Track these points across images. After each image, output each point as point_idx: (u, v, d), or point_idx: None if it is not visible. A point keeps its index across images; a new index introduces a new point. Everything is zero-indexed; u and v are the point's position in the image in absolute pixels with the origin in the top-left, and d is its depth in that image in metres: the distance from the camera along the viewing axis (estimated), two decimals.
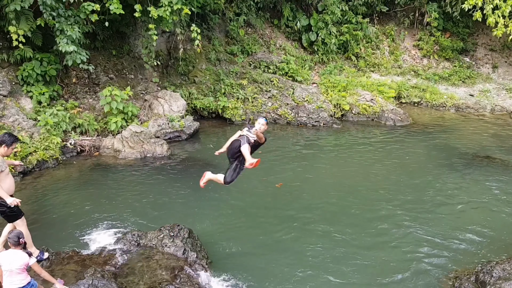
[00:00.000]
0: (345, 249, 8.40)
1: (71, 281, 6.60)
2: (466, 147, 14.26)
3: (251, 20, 20.48)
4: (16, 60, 13.43)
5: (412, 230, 9.07)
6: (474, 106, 19.26)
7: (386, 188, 11.08)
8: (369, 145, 14.61)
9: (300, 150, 14.09)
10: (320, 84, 19.11)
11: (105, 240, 8.27)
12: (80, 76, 15.19)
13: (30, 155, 11.84)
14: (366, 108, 17.59)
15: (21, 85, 13.58)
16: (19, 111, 12.84)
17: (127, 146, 13.27)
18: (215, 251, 8.32)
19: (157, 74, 17.12)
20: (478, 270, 7.52)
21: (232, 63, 18.95)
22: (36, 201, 10.11)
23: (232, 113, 16.69)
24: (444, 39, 22.38)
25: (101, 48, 16.03)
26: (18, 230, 6.12)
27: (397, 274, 7.69)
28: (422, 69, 21.91)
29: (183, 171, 12.09)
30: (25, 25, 12.44)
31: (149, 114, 15.25)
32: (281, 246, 8.54)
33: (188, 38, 16.76)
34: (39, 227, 8.85)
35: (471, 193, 10.88)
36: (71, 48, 12.56)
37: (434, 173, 12.06)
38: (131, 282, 6.83)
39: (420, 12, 22.48)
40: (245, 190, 10.77)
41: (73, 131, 13.52)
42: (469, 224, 9.33)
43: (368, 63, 21.54)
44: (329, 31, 20.61)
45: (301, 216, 9.66)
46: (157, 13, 13.32)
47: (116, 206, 9.97)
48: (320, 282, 7.47)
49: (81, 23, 13.17)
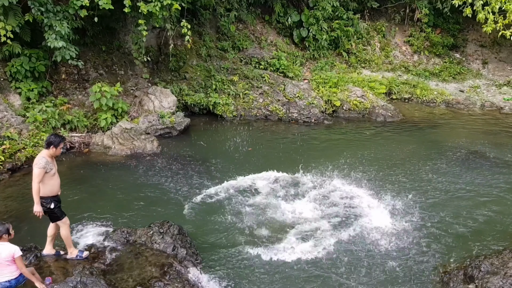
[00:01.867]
0: (333, 245, 8.42)
1: (59, 279, 6.56)
2: (456, 142, 14.34)
3: (242, 16, 20.41)
4: (5, 56, 13.29)
5: (400, 225, 9.11)
6: (464, 102, 19.36)
7: (373, 183, 11.10)
8: (359, 140, 14.67)
9: (291, 145, 14.10)
10: (311, 80, 19.11)
11: (94, 237, 8.24)
12: (69, 72, 15.07)
13: (18, 152, 11.76)
14: (357, 104, 17.62)
15: (9, 81, 13.45)
16: (7, 108, 12.72)
17: (117, 143, 13.20)
18: (205, 248, 8.33)
19: (148, 70, 17.02)
20: (466, 264, 7.60)
21: (223, 59, 18.89)
22: (25, 198, 10.02)
23: (223, 109, 16.64)
24: (434, 35, 22.47)
25: (91, 44, 15.91)
26: (7, 224, 6.13)
27: (385, 269, 7.74)
28: (413, 65, 21.99)
29: (174, 168, 12.05)
30: (13, 20, 12.31)
31: (139, 110, 15.18)
32: (271, 243, 8.55)
33: (179, 33, 16.69)
34: (27, 224, 8.80)
35: (460, 188, 10.95)
36: (60, 43, 12.47)
37: (424, 169, 12.12)
38: (120, 279, 6.81)
39: (411, 8, 22.54)
40: (236, 188, 10.76)
41: (63, 127, 13.43)
42: (457, 219, 9.41)
43: (359, 59, 21.57)
44: (320, 27, 20.61)
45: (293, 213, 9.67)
46: (147, 9, 13.24)
47: (106, 203, 9.93)
48: (311, 278, 7.50)
49: (70, 19, 13.07)
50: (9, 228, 6.04)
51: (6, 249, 5.92)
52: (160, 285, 6.63)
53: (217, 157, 12.88)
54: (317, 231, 8.88)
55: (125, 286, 6.63)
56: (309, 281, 7.46)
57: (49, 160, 6.83)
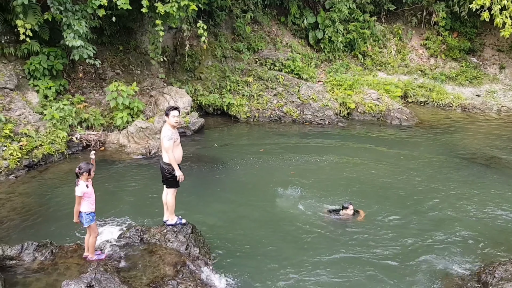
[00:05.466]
0: (347, 249, 8.40)
1: (74, 275, 6.64)
2: (472, 147, 14.20)
3: (258, 17, 20.45)
4: (23, 54, 13.48)
5: (415, 229, 9.05)
6: (480, 107, 19.16)
7: (389, 187, 11.05)
8: (374, 144, 14.57)
9: (305, 146, 14.08)
10: (326, 82, 19.07)
11: (108, 234, 8.31)
12: (86, 71, 15.24)
13: (35, 149, 11.92)
14: (372, 107, 17.54)
15: (28, 79, 13.64)
16: (25, 105, 12.91)
17: (132, 142, 13.31)
18: (218, 247, 8.35)
19: (163, 70, 17.15)
20: (480, 270, 7.52)
21: (238, 60, 18.95)
22: (41, 195, 10.18)
23: (237, 110, 16.69)
24: (451, 39, 22.26)
25: (108, 43, 16.07)
26: (90, 165, 6.84)
27: (399, 274, 7.69)
28: (429, 68, 21.81)
29: (187, 168, 12.10)
30: (32, 19, 12.48)
31: (154, 109, 15.29)
32: (284, 243, 8.55)
33: (195, 34, 16.77)
34: (43, 220, 8.92)
35: (476, 193, 10.83)
36: (78, 42, 12.62)
37: (439, 173, 12.02)
38: (133, 277, 6.85)
39: (428, 11, 22.37)
40: (249, 188, 10.78)
41: (79, 125, 13.59)
42: (472, 224, 9.30)
43: (374, 61, 21.47)
44: (336, 29, 20.54)
45: (305, 214, 9.66)
46: (164, 9, 13.34)
47: (120, 200, 10.03)
48: (321, 280, 7.48)
49: (88, 18, 13.22)
50: (91, 169, 6.80)
51: (80, 187, 6.76)
52: (173, 283, 6.67)
53: (230, 157, 12.91)
54: (334, 233, 8.87)
55: (138, 284, 6.68)
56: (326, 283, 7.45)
57: (173, 130, 7.34)
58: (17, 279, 6.66)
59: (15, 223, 8.95)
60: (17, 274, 6.79)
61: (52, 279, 6.62)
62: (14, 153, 11.33)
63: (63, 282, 6.25)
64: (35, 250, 7.12)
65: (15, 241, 7.82)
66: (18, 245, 7.10)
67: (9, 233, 8.58)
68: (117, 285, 6.38)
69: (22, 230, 8.71)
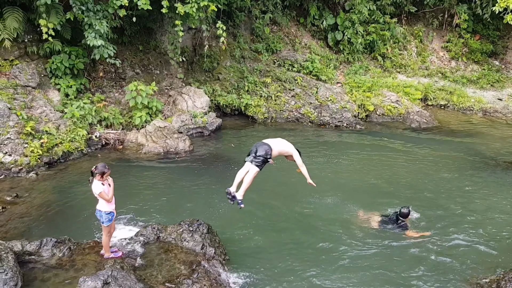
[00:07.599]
0: (365, 251, 8.33)
1: (91, 271, 6.72)
2: (493, 152, 13.96)
3: (277, 18, 20.43)
4: (45, 53, 13.70)
5: (434, 234, 8.94)
6: (502, 111, 18.83)
7: (409, 190, 10.93)
8: (393, 146, 14.42)
9: (323, 149, 14.00)
10: (345, 84, 18.95)
11: (125, 232, 8.40)
12: (107, 70, 15.43)
13: (56, 147, 12.10)
14: (391, 109, 17.37)
15: (49, 77, 13.86)
16: (46, 103, 13.11)
17: (150, 141, 13.43)
18: (233, 247, 8.37)
19: (182, 70, 17.25)
20: (500, 277, 7.39)
21: (256, 61, 18.96)
22: (61, 192, 10.33)
23: (255, 111, 16.71)
24: (473, 41, 21.90)
25: (128, 43, 16.23)
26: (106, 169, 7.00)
27: (417, 279, 7.60)
28: (450, 71, 21.48)
29: (204, 167, 12.17)
30: (55, 18, 12.68)
31: (173, 109, 15.39)
32: (300, 245, 8.52)
33: (214, 35, 16.83)
34: (62, 217, 9.04)
35: (496, 198, 10.65)
36: (99, 42, 12.77)
37: (459, 177, 11.85)
38: (149, 275, 6.91)
39: (449, 13, 22.04)
40: (265, 189, 10.76)
41: (99, 124, 13.75)
42: (492, 230, 9.16)
43: (394, 63, 21.24)
44: (356, 30, 20.39)
45: (322, 216, 9.61)
46: (184, 10, 13.42)
47: (137, 199, 10.11)
48: (336, 281, 7.44)
49: (109, 18, 13.37)
50: (105, 172, 6.95)
51: (95, 187, 6.94)
52: (189, 282, 6.71)
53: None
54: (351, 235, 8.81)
55: (154, 282, 6.73)
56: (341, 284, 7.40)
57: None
58: (36, 274, 6.78)
59: (34, 219, 9.10)
60: (36, 269, 6.92)
61: (70, 275, 6.72)
62: (35, 150, 11.52)
63: (80, 278, 6.34)
64: (53, 246, 7.23)
65: (35, 237, 7.97)
66: (37, 241, 7.23)
67: (29, 229, 8.73)
68: (133, 283, 6.44)
69: (41, 226, 8.85)
